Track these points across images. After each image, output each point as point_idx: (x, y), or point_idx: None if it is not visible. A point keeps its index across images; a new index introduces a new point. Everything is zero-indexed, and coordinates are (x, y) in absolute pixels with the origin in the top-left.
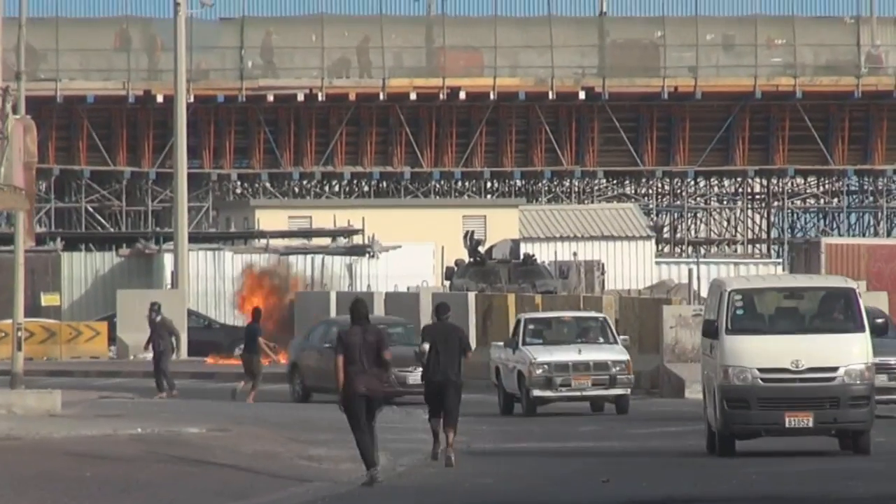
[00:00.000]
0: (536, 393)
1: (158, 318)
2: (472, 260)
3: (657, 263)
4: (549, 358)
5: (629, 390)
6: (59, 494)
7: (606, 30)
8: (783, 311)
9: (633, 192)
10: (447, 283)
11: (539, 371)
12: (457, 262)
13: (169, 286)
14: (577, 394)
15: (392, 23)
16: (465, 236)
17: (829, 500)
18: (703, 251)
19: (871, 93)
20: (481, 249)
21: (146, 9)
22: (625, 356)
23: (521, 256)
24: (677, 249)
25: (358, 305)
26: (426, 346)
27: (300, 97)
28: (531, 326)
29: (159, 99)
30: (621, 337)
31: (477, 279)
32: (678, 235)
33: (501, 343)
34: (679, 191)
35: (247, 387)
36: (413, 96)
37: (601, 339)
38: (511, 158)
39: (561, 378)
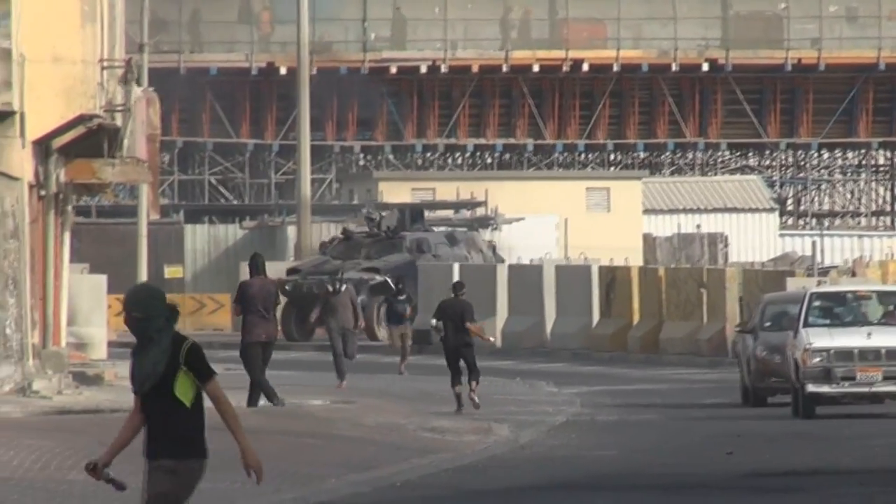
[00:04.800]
0: (812, 389)
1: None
2: (343, 234)
3: (780, 236)
4: (829, 343)
5: None
6: None
7: (729, 1)
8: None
9: (756, 164)
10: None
11: (817, 359)
12: (343, 232)
13: (292, 258)
14: (865, 389)
15: None
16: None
17: None
18: (826, 223)
19: None
20: (376, 218)
21: None
22: None
23: (393, 228)
24: (801, 222)
25: (255, 259)
26: (434, 322)
27: (423, 69)
28: (817, 303)
29: (282, 71)
30: None
31: (338, 254)
32: (801, 208)
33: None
34: (802, 163)
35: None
36: (536, 68)
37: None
38: (634, 130)
39: (843, 369)
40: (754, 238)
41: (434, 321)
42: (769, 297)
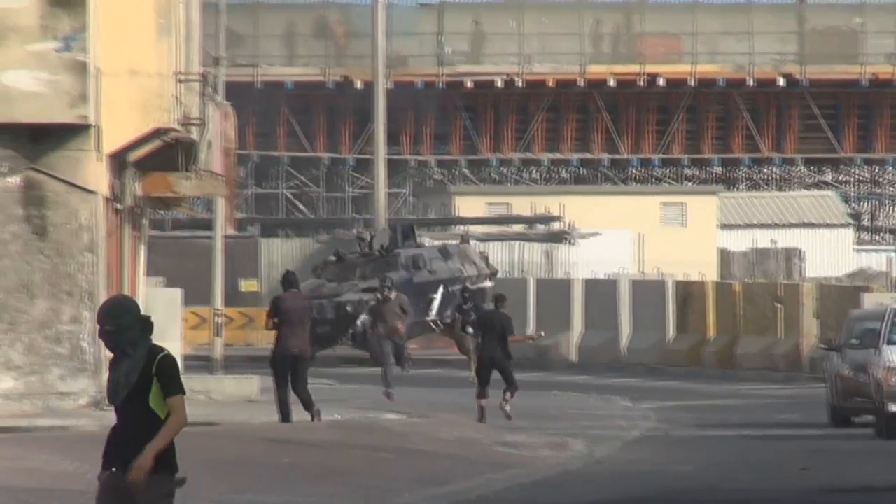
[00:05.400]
0: (893, 409)
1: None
2: (335, 256)
3: (856, 251)
4: None
5: None
6: (255, 480)
7: (805, 16)
8: None
9: (831, 179)
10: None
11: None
12: (336, 254)
13: None
14: None
15: (591, 9)
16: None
17: None
18: None
19: None
20: (366, 238)
21: None
22: None
23: (386, 246)
24: (876, 237)
25: (288, 276)
26: (470, 330)
27: (499, 83)
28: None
29: (358, 85)
30: None
31: (332, 277)
32: (877, 223)
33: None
34: (878, 178)
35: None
36: (612, 82)
37: None
38: (710, 145)
39: None
40: (830, 253)
41: (471, 329)
42: (856, 313)
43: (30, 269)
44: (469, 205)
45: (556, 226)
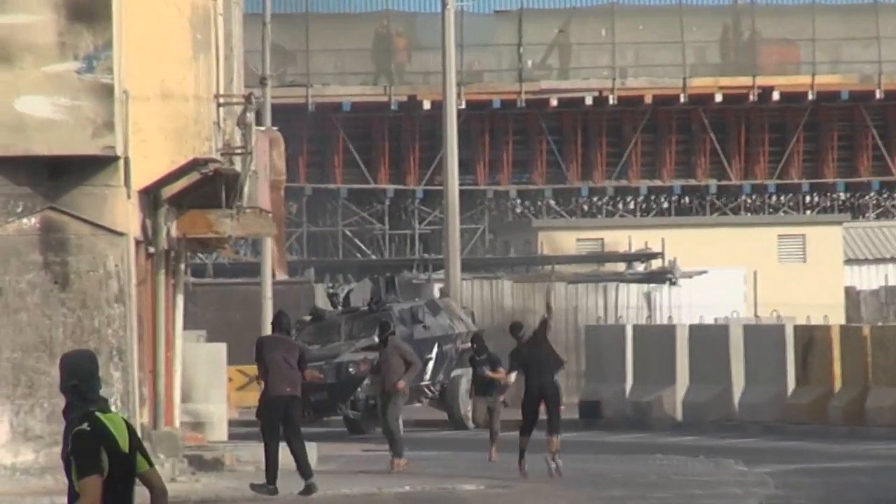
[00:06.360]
0: None
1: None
2: (310, 315)
3: None
4: None
5: None
6: None
7: None
8: None
9: None
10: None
11: None
12: (312, 312)
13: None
14: None
15: (693, 14)
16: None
17: None
18: None
19: None
20: (339, 298)
21: (409, 2)
22: None
23: (376, 300)
24: None
25: (280, 318)
26: (513, 375)
27: (588, 101)
28: None
29: (426, 105)
30: None
31: (311, 339)
32: None
33: None
34: None
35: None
36: (718, 98)
37: None
38: (833, 168)
39: None
40: None
41: (514, 373)
42: None
43: (50, 324)
44: (556, 241)
45: (656, 264)
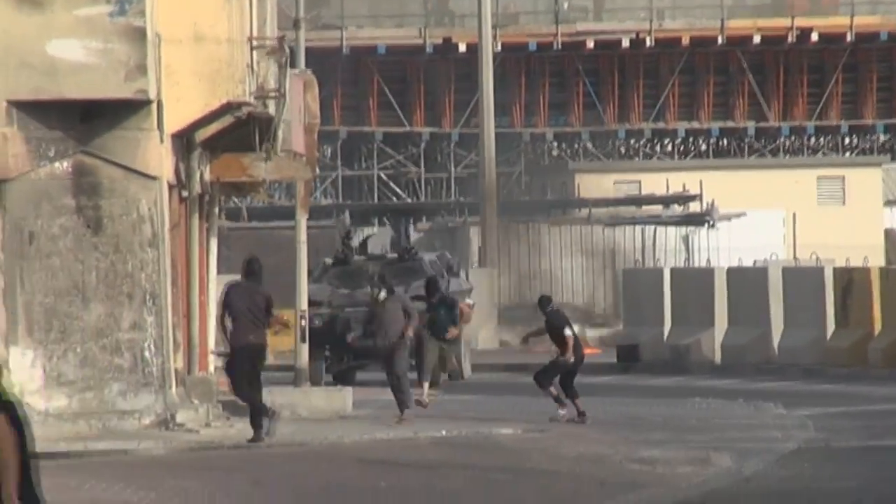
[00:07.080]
0: None
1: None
2: (333, 259)
3: None
4: None
5: None
6: None
7: None
8: None
9: None
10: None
11: None
12: (338, 255)
13: (476, 264)
14: None
15: None
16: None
17: None
18: None
19: None
20: (354, 242)
21: None
22: None
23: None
24: None
25: (252, 263)
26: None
27: (625, 43)
28: None
29: (461, 48)
30: None
31: (338, 282)
32: None
33: None
34: None
35: None
36: (757, 39)
37: None
38: (872, 109)
39: None
40: None
41: (568, 331)
42: None
43: (83, 269)
44: (593, 184)
45: (694, 206)
